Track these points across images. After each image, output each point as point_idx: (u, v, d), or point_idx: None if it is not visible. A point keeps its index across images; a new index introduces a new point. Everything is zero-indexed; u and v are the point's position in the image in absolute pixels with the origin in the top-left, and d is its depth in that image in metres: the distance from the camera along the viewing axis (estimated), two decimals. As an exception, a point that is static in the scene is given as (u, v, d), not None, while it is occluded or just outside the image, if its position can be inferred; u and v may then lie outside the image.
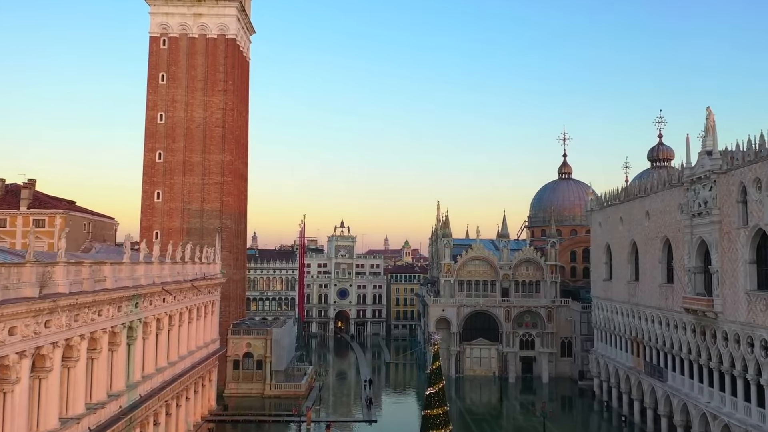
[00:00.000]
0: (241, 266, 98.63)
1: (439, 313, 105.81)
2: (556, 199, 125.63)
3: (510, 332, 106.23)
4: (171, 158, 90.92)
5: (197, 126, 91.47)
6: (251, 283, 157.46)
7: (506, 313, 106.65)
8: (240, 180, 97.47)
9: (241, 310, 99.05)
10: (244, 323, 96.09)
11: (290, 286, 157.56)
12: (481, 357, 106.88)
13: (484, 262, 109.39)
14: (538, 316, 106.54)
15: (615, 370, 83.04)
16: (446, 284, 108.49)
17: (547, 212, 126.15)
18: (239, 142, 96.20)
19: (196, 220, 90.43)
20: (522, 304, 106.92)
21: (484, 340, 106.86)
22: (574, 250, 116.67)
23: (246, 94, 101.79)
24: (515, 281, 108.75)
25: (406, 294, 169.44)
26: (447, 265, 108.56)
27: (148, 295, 52.79)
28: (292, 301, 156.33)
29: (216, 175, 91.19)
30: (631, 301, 77.84)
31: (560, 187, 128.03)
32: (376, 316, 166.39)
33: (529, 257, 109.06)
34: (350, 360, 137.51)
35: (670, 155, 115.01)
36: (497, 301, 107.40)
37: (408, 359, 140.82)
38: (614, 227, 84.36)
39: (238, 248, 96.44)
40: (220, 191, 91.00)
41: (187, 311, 64.97)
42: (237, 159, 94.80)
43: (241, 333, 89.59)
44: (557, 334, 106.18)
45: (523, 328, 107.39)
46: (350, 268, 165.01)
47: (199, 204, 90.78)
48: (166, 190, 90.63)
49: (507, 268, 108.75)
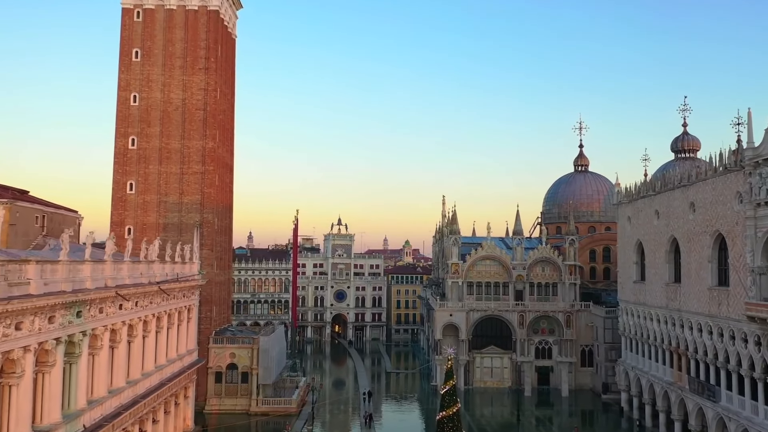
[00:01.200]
0: (226, 266, 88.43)
1: (446, 318, 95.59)
2: (572, 194, 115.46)
3: (524, 339, 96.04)
4: (146, 145, 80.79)
5: (175, 108, 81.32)
6: (242, 284, 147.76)
7: (520, 319, 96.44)
8: (224, 170, 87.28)
9: (225, 315, 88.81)
10: (229, 330, 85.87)
11: (284, 288, 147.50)
12: (492, 367, 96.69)
13: (495, 261, 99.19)
14: (556, 321, 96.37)
15: (649, 385, 72.88)
16: (454, 286, 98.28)
17: (563, 207, 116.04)
18: (223, 127, 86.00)
19: (174, 215, 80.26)
20: (538, 309, 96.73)
21: (496, 349, 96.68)
22: (594, 248, 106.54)
23: (232, 74, 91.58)
24: (530, 283, 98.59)
25: (407, 296, 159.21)
26: (455, 265, 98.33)
27: (96, 301, 42.57)
28: (286, 303, 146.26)
29: (196, 163, 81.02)
30: (670, 306, 67.66)
31: (576, 180, 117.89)
32: (376, 319, 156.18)
33: (545, 256, 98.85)
34: (348, 368, 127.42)
35: (696, 145, 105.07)
36: (510, 305, 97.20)
37: (411, 368, 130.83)
38: (648, 222, 74.21)
39: (222, 246, 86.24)
40: (201, 182, 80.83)
41: (154, 319, 54.78)
42: (221, 146, 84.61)
43: (225, 342, 79.40)
44: (577, 342, 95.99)
45: (539, 335, 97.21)
46: (348, 268, 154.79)
47: (177, 196, 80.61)
48: (140, 181, 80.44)
49: (521, 269, 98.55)
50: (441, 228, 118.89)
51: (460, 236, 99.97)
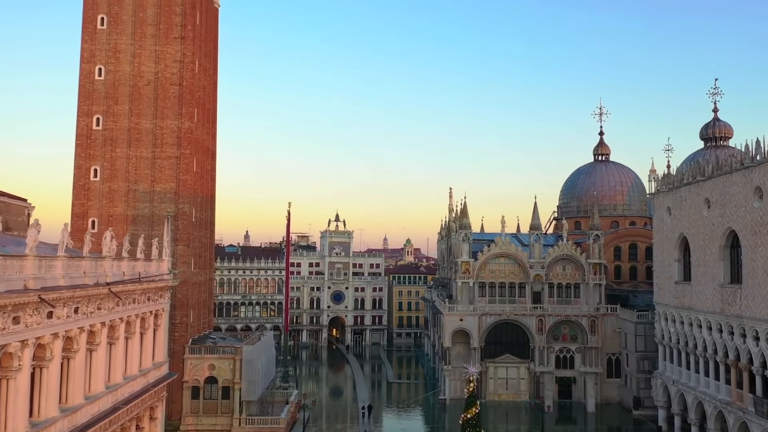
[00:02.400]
0: (206, 265, 77.80)
1: (456, 323, 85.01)
2: (592, 185, 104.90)
3: (544, 347, 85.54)
4: (113, 125, 70.13)
5: (147, 83, 70.66)
6: (233, 285, 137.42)
7: (539, 324, 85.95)
8: (204, 155, 76.70)
9: (206, 320, 78.18)
10: (210, 338, 75.23)
11: (278, 289, 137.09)
12: (507, 378, 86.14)
13: (510, 260, 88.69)
14: (579, 327, 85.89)
15: (696, 403, 62.38)
16: (464, 287, 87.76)
17: (583, 200, 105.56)
18: (202, 106, 75.42)
19: (145, 205, 69.61)
20: (558, 312, 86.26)
21: (512, 357, 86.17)
22: (618, 245, 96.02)
23: (213, 48, 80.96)
24: (549, 284, 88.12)
25: (410, 298, 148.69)
26: (465, 264, 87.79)
27: (10, 308, 32.06)
28: (279, 305, 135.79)
29: (171, 146, 70.39)
30: (726, 311, 57.15)
31: (597, 170, 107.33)
32: (376, 323, 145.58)
33: (566, 254, 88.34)
34: (346, 375, 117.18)
35: (728, 132, 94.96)
36: (527, 308, 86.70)
37: (414, 377, 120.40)
38: (695, 212, 63.71)
39: (202, 242, 75.62)
40: (176, 168, 70.17)
41: (104, 328, 44.15)
42: (199, 128, 74.03)
43: (203, 352, 68.72)
44: (602, 350, 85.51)
45: (560, 341, 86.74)
46: (346, 267, 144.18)
47: (148, 184, 69.96)
48: (106, 166, 69.81)
49: (539, 268, 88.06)
50: (448, 223, 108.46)
51: (471, 231, 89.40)
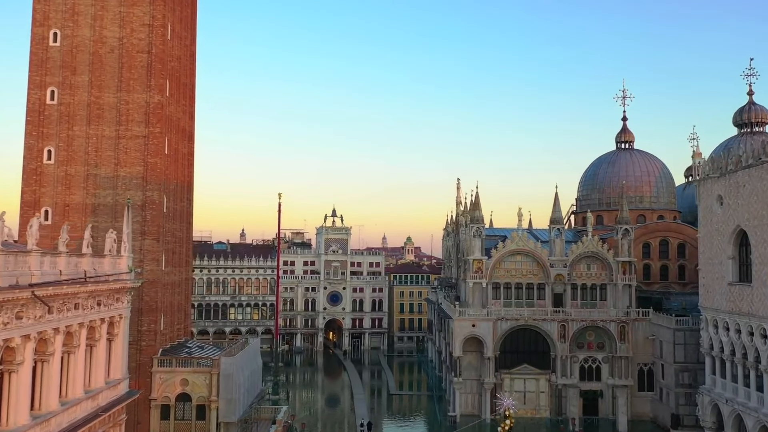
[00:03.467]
0: (182, 262, 67.57)
1: (468, 329, 74.89)
2: (616, 175, 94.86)
3: (567, 356, 75.55)
4: (70, 98, 59.95)
5: (110, 50, 60.45)
6: (221, 285, 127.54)
7: (561, 330, 75.93)
8: (179, 136, 66.56)
9: (182, 326, 67.96)
10: (186, 347, 65.07)
11: (270, 289, 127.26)
12: (525, 391, 76.02)
13: (528, 257, 78.67)
14: (606, 333, 75.90)
15: (759, 427, 52.31)
16: (476, 289, 77.72)
17: (605, 192, 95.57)
18: (177, 79, 65.28)
19: (108, 193, 59.43)
20: (583, 317, 76.21)
21: (531, 368, 76.11)
22: (647, 242, 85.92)
23: (191, 13, 70.71)
24: (572, 284, 78.16)
25: (412, 299, 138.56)
26: (477, 263, 77.73)
27: None
28: (271, 307, 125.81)
29: (138, 123, 60.22)
30: (803, 319, 47.07)
31: (621, 159, 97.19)
32: (376, 326, 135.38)
33: (591, 251, 78.32)
34: (343, 383, 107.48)
35: (765, 117, 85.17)
36: (548, 312, 76.65)
37: (418, 384, 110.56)
38: (756, 201, 53.68)
39: (176, 236, 65.44)
40: (143, 149, 60.01)
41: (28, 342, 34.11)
42: (173, 103, 63.90)
43: (174, 364, 58.55)
44: (633, 360, 75.53)
45: (585, 350, 76.78)
46: (344, 266, 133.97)
47: (111, 168, 59.79)
48: (62, 147, 59.61)
49: (561, 267, 78.04)
50: (456, 218, 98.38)
51: (485, 225, 79.31)
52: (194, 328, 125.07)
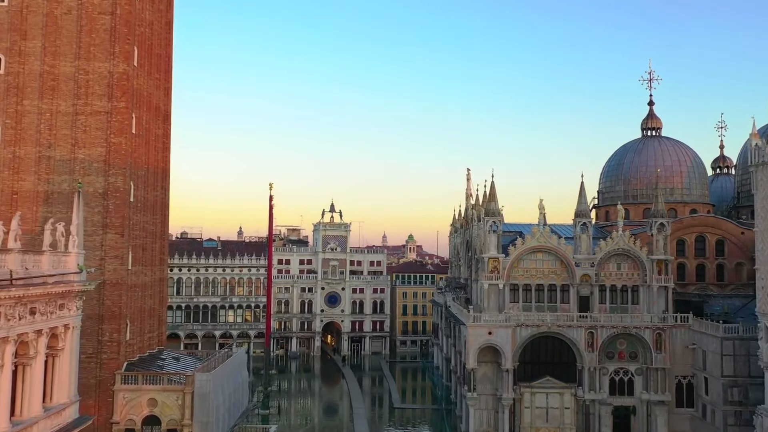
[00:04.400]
0: (154, 261, 58.49)
1: (484, 338, 65.69)
2: (644, 165, 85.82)
3: (595, 368, 66.45)
4: (19, 68, 51.07)
5: (66, 12, 51.52)
6: (210, 286, 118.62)
7: (589, 338, 66.81)
8: (152, 115, 57.60)
9: (155, 335, 58.84)
10: (159, 359, 56.16)
11: (263, 290, 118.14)
12: (548, 407, 66.81)
13: (551, 255, 69.60)
14: (640, 341, 66.85)
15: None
16: (491, 291, 68.63)
17: (631, 183, 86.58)
18: (147, 47, 56.25)
19: (63, 178, 50.51)
20: (614, 323, 67.10)
21: (554, 381, 66.93)
22: (682, 238, 76.77)
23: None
24: (599, 286, 69.08)
25: (416, 300, 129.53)
26: (493, 261, 68.61)
27: None
28: (265, 309, 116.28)
29: (99, 97, 51.29)
30: None
31: (648, 147, 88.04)
32: (377, 329, 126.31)
33: (622, 248, 69.21)
34: (342, 392, 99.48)
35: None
36: (574, 317, 67.52)
37: (422, 394, 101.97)
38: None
39: (147, 230, 56.44)
40: (105, 127, 51.07)
41: None
42: (142, 75, 54.94)
43: (140, 381, 49.59)
44: (671, 372, 66.41)
45: (616, 360, 67.67)
46: (342, 265, 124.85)
47: (68, 149, 50.87)
48: (9, 125, 50.68)
49: (587, 266, 68.94)
50: (466, 212, 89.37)
51: (502, 219, 70.22)
52: (181, 331, 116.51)
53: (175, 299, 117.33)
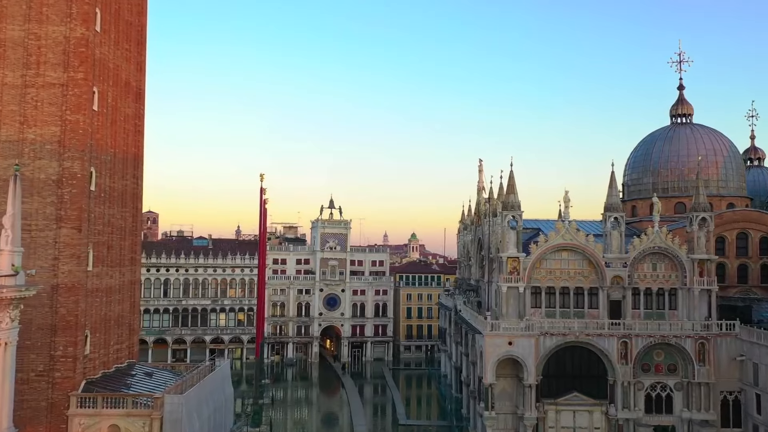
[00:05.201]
0: (123, 261, 50.35)
1: (503, 348, 57.59)
2: (675, 155, 78.03)
3: (629, 382, 58.48)
4: (-44, 31, 43.04)
5: (14, -36, 43.50)
6: (200, 287, 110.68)
7: (622, 348, 58.83)
8: (121, 91, 49.52)
9: (123, 347, 50.67)
10: (129, 376, 48.05)
11: (257, 291, 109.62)
12: (575, 427, 58.87)
13: (577, 254, 61.69)
14: (680, 352, 58.90)
15: None
16: (510, 295, 60.63)
17: (662, 174, 78.78)
18: (113, 11, 48.13)
19: (10, 162, 42.31)
20: (651, 332, 59.12)
21: (582, 397, 58.99)
22: (722, 235, 68.85)
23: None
24: (633, 289, 61.16)
25: (420, 303, 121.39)
26: (512, 261, 60.62)
27: None
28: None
29: (53, 67, 43.26)
30: None
31: (680, 135, 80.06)
32: (380, 333, 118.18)
33: (658, 246, 61.34)
34: (341, 402, 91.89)
35: None
36: (605, 325, 59.53)
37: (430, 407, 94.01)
38: None
39: (114, 225, 48.35)
40: (60, 102, 43.04)
41: None
42: (107, 43, 46.86)
43: (99, 404, 41.45)
44: (715, 387, 58.47)
45: (652, 374, 59.70)
46: (342, 265, 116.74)
47: (15, 128, 42.85)
48: (-55, 99, 42.65)
49: (619, 266, 61.02)
50: (478, 206, 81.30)
51: (522, 213, 62.14)
52: (169, 336, 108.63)
53: (162, 302, 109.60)
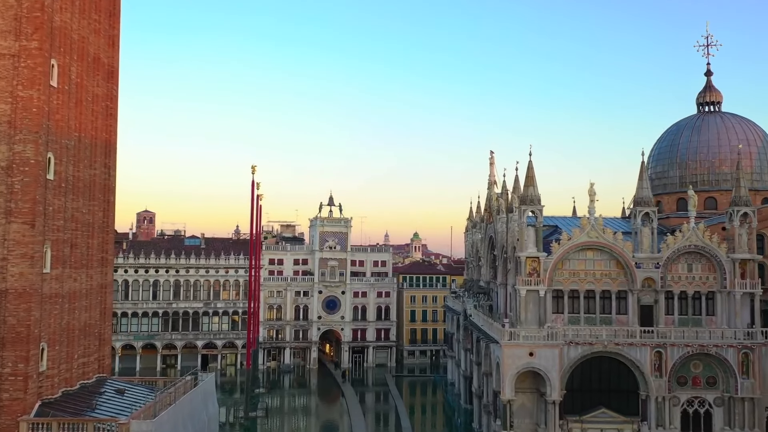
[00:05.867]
0: (90, 262, 43.85)
1: (523, 360, 51.22)
2: (705, 145, 71.59)
3: (664, 397, 52.17)
4: None
5: None
6: (191, 289, 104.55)
7: (656, 359, 52.56)
8: (88, 67, 43.20)
9: (92, 359, 44.24)
10: (97, 394, 41.64)
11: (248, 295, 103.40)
12: (603, 448, 52.59)
13: (604, 254, 55.40)
14: (720, 364, 52.59)
15: None
16: (530, 299, 54.30)
17: (689, 168, 72.19)
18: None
19: (-48, 147, 36.09)
20: (688, 341, 52.78)
21: (610, 414, 52.65)
22: (760, 233, 62.29)
23: None
24: (666, 292, 54.81)
25: (425, 305, 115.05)
26: (532, 261, 54.31)
27: None
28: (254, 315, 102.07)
29: (2, 35, 36.94)
30: None
31: (709, 124, 73.61)
32: (382, 338, 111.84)
33: (695, 244, 55.05)
34: (341, 409, 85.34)
35: None
36: (636, 333, 53.17)
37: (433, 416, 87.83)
38: None
39: (78, 220, 41.98)
40: (10, 75, 36.72)
41: None
42: (69, 9, 40.51)
43: (54, 430, 35.09)
44: (761, 402, 52.17)
45: (689, 388, 53.38)
46: (342, 265, 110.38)
47: (-42, 107, 36.47)
48: None
49: (651, 267, 54.72)
50: (488, 202, 74.93)
51: (542, 208, 55.79)
52: (158, 341, 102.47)
53: (151, 305, 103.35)
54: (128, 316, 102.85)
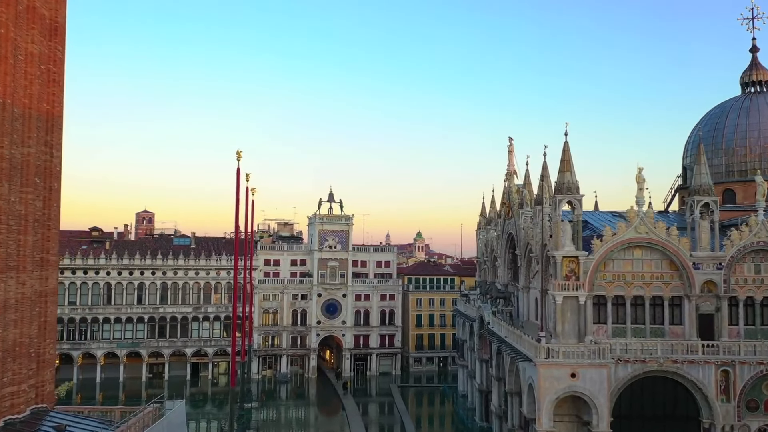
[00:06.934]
0: (22, 265, 34.76)
1: (565, 383, 42.12)
2: (754, 129, 62.71)
3: (732, 426, 43.13)
4: None
5: None
6: (180, 292, 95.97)
7: (721, 379, 43.57)
8: (16, 17, 34.12)
9: (29, 386, 35.20)
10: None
11: (247, 297, 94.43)
12: (659, 486, 43.55)
13: (655, 252, 46.42)
14: (799, 385, 43.47)
15: None
16: (567, 307, 45.27)
17: (737, 155, 63.61)
18: None
19: None
20: (761, 358, 43.73)
21: (667, 446, 43.66)
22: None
23: None
24: (731, 298, 45.79)
25: (432, 308, 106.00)
26: (570, 262, 45.26)
27: None
28: (248, 320, 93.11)
29: None
30: None
31: (759, 106, 64.51)
32: (386, 344, 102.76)
33: (764, 241, 45.95)
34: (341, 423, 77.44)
35: None
36: (698, 348, 44.09)
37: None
38: None
39: (6, 211, 32.92)
40: None
41: None
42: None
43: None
44: None
45: (761, 414, 44.33)
46: (343, 266, 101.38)
47: None
48: None
49: (712, 268, 45.71)
50: (507, 195, 65.89)
51: (582, 198, 46.74)
52: (143, 350, 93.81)
53: (136, 309, 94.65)
54: (111, 322, 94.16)
